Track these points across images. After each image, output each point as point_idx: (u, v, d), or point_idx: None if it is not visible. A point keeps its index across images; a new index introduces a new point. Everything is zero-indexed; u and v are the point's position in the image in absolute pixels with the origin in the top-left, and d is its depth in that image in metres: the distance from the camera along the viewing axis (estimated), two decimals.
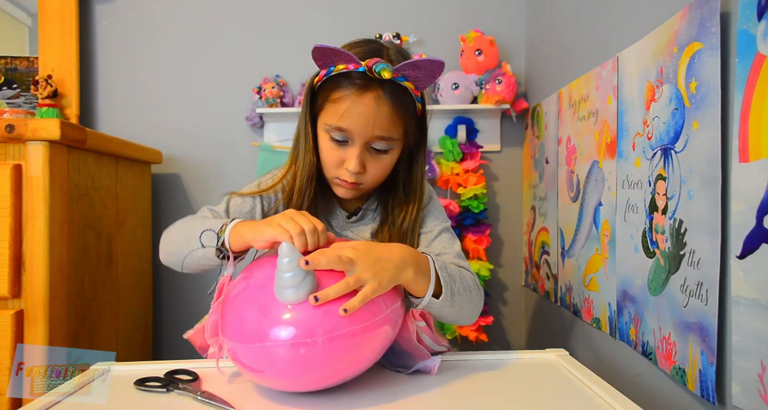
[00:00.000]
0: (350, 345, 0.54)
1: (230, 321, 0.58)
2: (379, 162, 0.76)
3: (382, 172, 0.78)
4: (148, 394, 0.59)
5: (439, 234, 0.81)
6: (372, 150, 0.75)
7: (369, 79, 0.70)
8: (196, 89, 1.53)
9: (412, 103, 0.74)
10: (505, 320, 1.54)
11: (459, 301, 0.68)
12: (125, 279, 1.26)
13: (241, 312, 0.57)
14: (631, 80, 0.85)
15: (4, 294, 0.90)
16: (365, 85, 0.70)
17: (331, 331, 0.53)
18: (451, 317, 0.69)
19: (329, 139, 0.74)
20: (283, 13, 1.53)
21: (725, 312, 0.61)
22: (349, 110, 0.70)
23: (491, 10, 1.53)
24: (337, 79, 0.72)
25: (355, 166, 0.73)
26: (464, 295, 0.69)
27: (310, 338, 0.52)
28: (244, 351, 0.55)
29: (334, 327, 0.53)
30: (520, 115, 1.49)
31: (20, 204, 0.92)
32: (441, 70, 0.70)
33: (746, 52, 0.56)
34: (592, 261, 1.01)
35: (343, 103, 0.71)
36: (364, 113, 0.70)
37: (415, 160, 0.82)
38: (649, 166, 0.78)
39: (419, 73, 0.71)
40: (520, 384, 0.62)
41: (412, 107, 0.75)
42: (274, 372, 0.55)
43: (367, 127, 0.71)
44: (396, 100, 0.71)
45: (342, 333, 0.54)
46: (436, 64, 0.69)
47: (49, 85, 1.38)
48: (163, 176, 1.53)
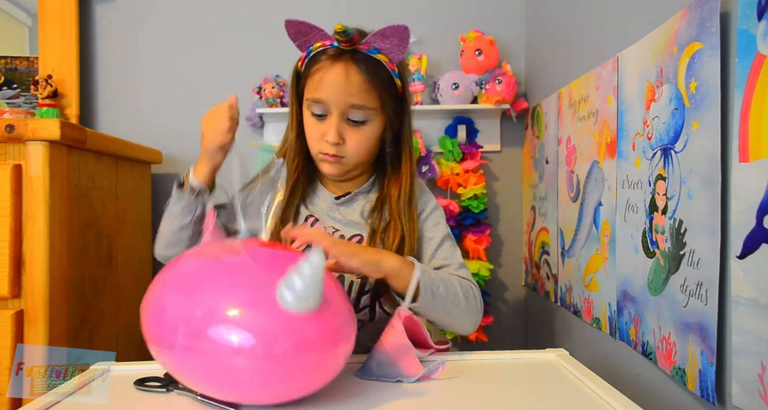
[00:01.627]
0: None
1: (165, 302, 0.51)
2: (357, 133, 0.77)
3: (362, 144, 0.78)
4: (147, 394, 0.59)
5: (441, 243, 0.82)
6: (350, 121, 0.76)
7: (340, 51, 0.74)
8: (196, 89, 1.53)
9: (388, 75, 0.77)
10: (505, 320, 1.54)
11: (443, 305, 0.69)
12: (125, 279, 1.26)
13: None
14: (631, 80, 0.85)
15: (4, 294, 0.90)
16: (336, 56, 0.74)
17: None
18: (440, 322, 0.72)
19: (311, 115, 0.77)
20: (283, 13, 1.52)
21: (725, 312, 0.61)
22: (322, 80, 0.74)
23: (491, 10, 1.53)
24: (316, 56, 0.76)
25: (333, 136, 0.75)
26: (449, 299, 0.70)
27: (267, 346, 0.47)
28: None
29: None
30: (520, 115, 1.49)
31: (20, 204, 0.92)
32: (407, 35, 0.73)
33: (746, 52, 0.56)
34: (592, 261, 1.01)
35: (317, 75, 0.75)
36: (336, 81, 0.73)
37: (402, 138, 0.83)
38: (649, 166, 0.78)
39: (389, 43, 0.74)
40: (520, 384, 0.62)
41: (388, 80, 0.77)
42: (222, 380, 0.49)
43: (339, 96, 0.73)
44: (368, 69, 0.74)
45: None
46: (401, 28, 0.72)
47: (49, 85, 1.38)
48: (163, 176, 1.53)
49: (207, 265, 0.54)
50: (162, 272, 0.56)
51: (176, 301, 0.51)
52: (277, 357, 0.47)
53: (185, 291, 0.51)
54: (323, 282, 0.48)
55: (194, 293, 0.50)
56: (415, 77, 1.44)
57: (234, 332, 0.47)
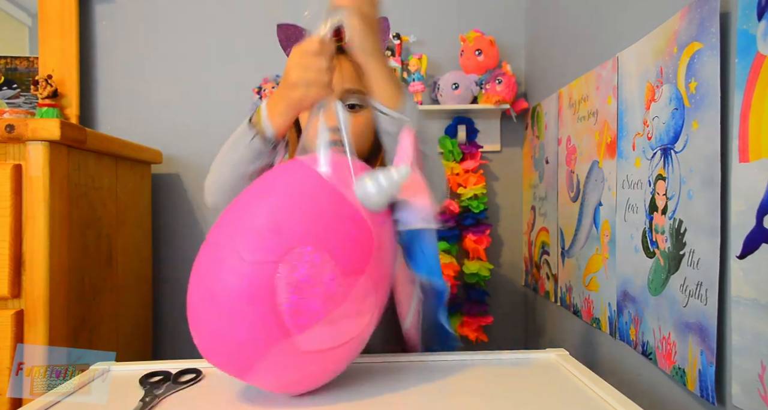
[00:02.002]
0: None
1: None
2: (355, 119, 0.77)
3: (360, 130, 0.78)
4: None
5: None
6: (347, 107, 0.77)
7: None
8: (196, 89, 1.53)
9: None
10: (505, 320, 1.54)
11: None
12: (125, 279, 1.26)
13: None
14: (631, 80, 0.85)
15: (4, 294, 0.90)
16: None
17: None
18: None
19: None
20: (283, 13, 1.52)
21: (725, 312, 0.61)
22: None
23: (491, 10, 1.53)
24: None
25: (333, 119, 0.75)
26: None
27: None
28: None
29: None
30: (520, 115, 1.49)
31: (20, 204, 0.92)
32: (387, 24, 0.75)
33: (746, 52, 0.56)
34: (592, 261, 1.01)
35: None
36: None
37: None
38: (649, 166, 0.78)
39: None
40: (520, 384, 0.62)
41: None
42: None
43: (335, 83, 0.73)
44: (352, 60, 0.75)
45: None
46: (380, 20, 0.73)
47: (49, 85, 1.38)
48: (163, 176, 1.53)
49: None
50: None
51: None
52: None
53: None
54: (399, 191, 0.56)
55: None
56: (415, 77, 1.44)
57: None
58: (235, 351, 0.50)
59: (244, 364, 0.51)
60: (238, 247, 0.50)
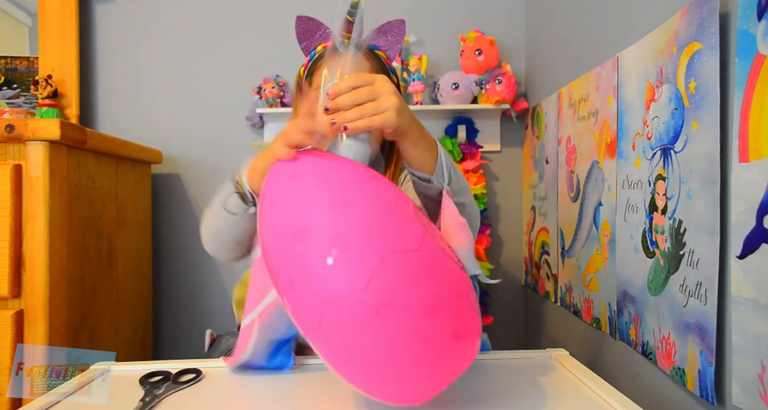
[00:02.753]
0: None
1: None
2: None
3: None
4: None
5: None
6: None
7: (343, 45, 0.73)
8: (196, 89, 1.53)
9: (385, 70, 0.78)
10: (505, 320, 1.54)
11: (461, 188, 0.66)
12: (125, 279, 1.26)
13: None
14: (631, 80, 0.85)
15: (4, 294, 0.90)
16: (336, 51, 0.73)
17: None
18: (467, 207, 0.67)
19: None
20: (283, 13, 1.52)
21: (725, 312, 0.61)
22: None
23: (491, 10, 1.53)
24: (319, 55, 0.77)
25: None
26: (464, 185, 0.67)
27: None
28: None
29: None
30: (520, 115, 1.49)
31: (20, 204, 0.92)
32: (404, 29, 0.75)
33: (746, 52, 0.56)
34: (592, 261, 1.01)
35: (323, 67, 0.74)
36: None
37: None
38: (649, 166, 0.78)
39: (386, 40, 0.76)
40: (520, 384, 0.62)
41: (385, 73, 0.77)
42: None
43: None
44: (370, 58, 0.76)
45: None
46: (398, 23, 0.74)
47: (49, 85, 1.38)
48: (163, 176, 1.53)
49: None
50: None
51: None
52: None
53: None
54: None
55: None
56: (415, 77, 1.44)
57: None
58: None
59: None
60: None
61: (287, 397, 0.58)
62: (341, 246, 0.45)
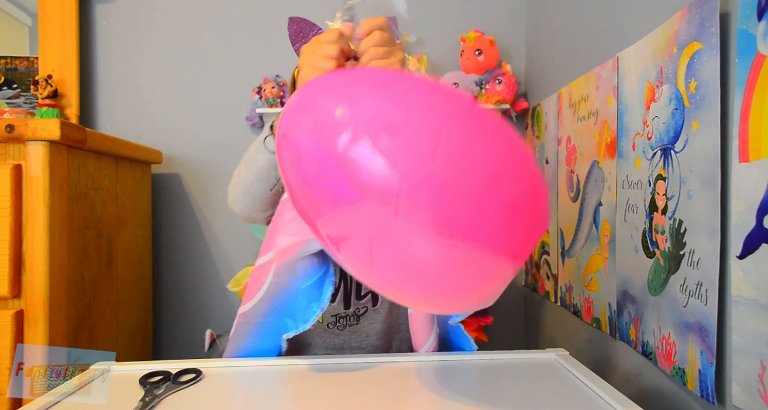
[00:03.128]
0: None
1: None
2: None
3: None
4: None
5: None
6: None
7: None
8: (196, 89, 1.53)
9: None
10: (505, 320, 1.54)
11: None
12: (125, 279, 1.26)
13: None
14: (631, 80, 0.85)
15: (4, 294, 0.90)
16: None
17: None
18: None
19: None
20: (283, 13, 1.53)
21: (725, 312, 0.61)
22: None
23: (491, 10, 1.53)
24: None
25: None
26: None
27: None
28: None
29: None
30: (520, 115, 1.49)
31: (20, 204, 0.92)
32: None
33: (746, 52, 0.56)
34: (592, 261, 1.01)
35: None
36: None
37: None
38: (649, 166, 0.78)
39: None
40: (520, 384, 0.62)
41: None
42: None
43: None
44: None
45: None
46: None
47: (49, 85, 1.38)
48: (163, 176, 1.53)
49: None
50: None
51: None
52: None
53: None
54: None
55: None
56: None
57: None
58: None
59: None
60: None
61: (287, 397, 0.58)
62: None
